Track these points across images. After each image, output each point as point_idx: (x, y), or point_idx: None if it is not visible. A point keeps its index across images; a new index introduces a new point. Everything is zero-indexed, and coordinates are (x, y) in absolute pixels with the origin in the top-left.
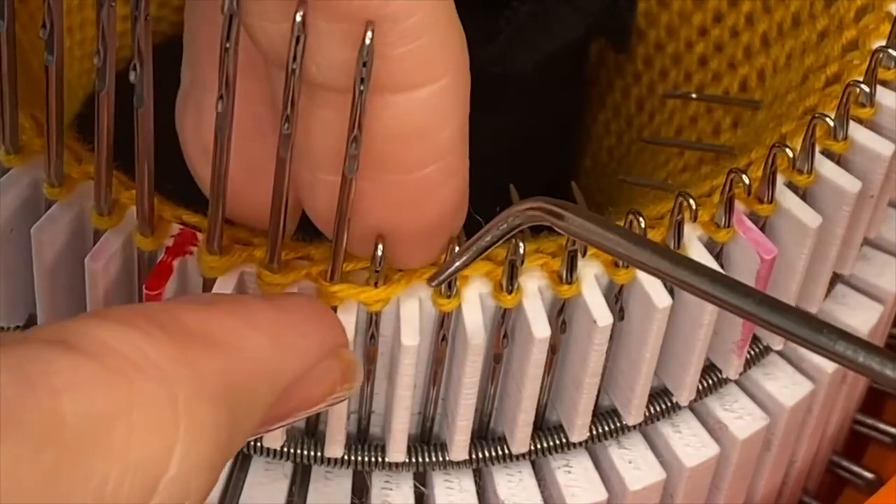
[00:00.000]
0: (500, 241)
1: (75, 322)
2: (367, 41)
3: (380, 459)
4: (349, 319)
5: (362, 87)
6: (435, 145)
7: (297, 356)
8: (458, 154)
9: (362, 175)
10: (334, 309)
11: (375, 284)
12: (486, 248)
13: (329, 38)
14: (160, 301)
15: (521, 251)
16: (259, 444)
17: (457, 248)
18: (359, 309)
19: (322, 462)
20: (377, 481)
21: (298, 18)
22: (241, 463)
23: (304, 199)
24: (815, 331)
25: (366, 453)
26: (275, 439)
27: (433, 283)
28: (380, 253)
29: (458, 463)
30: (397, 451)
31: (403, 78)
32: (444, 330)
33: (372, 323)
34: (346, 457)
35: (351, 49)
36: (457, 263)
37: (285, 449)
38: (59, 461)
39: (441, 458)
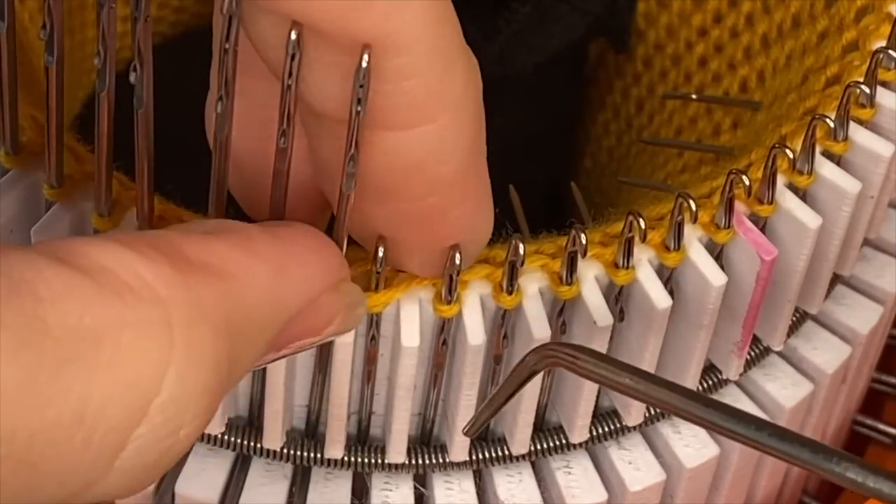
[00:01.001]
0: (521, 387)
1: (74, 240)
2: (364, 64)
3: (380, 461)
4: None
5: (359, 108)
6: (435, 179)
7: (298, 287)
8: (465, 184)
9: (367, 197)
10: None
11: (376, 287)
12: (509, 396)
13: (323, 69)
14: (161, 229)
15: (521, 252)
16: (259, 445)
17: (457, 258)
18: None
19: (322, 463)
20: (377, 482)
21: (293, 37)
22: (241, 464)
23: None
24: (826, 458)
25: (366, 455)
26: (275, 440)
27: (469, 434)
28: (381, 254)
29: (458, 464)
30: (397, 451)
31: (394, 116)
32: (445, 334)
33: (373, 324)
34: (346, 458)
35: (344, 80)
36: (484, 414)
37: (285, 450)
38: (37, 366)
39: (441, 460)
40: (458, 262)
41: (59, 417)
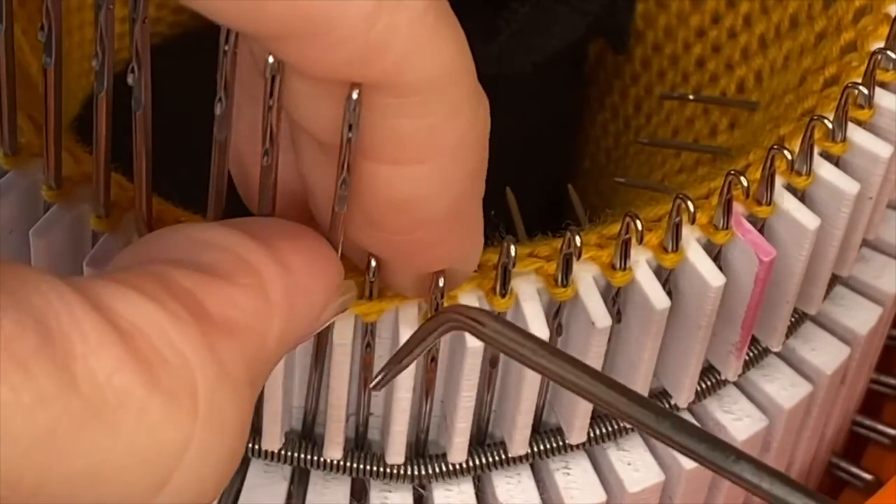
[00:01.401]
0: (424, 349)
1: (108, 289)
2: (354, 96)
3: (378, 468)
4: (347, 326)
5: (350, 135)
6: (421, 218)
7: (307, 319)
8: (454, 223)
9: (354, 223)
10: None
11: (370, 295)
12: (409, 357)
13: (318, 99)
14: (180, 269)
15: (513, 255)
16: (257, 446)
17: (441, 282)
18: (356, 316)
19: (320, 466)
20: (376, 483)
21: (271, 60)
22: (240, 465)
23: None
24: (724, 455)
25: (364, 461)
26: (273, 441)
27: (376, 388)
28: (373, 264)
29: (456, 471)
30: (396, 453)
31: (383, 150)
32: (434, 352)
33: (368, 332)
34: (344, 463)
35: (339, 108)
36: (388, 374)
37: (283, 452)
38: (58, 422)
39: (440, 467)
40: (441, 286)
41: (71, 476)
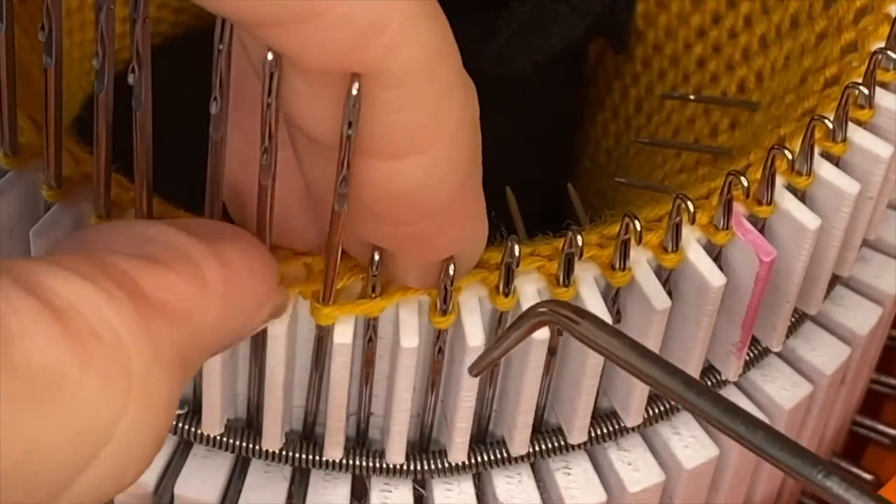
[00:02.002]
0: (520, 339)
1: (41, 269)
2: (354, 92)
3: (379, 465)
4: (347, 326)
5: (350, 132)
6: (425, 207)
7: (242, 312)
8: (458, 208)
9: (357, 219)
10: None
11: (373, 290)
12: (508, 348)
13: (314, 98)
14: (119, 255)
15: (517, 254)
16: (258, 446)
17: (451, 269)
18: (356, 316)
19: (321, 466)
20: (376, 483)
21: (270, 57)
22: (240, 465)
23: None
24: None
25: (365, 458)
26: (274, 442)
27: (474, 373)
28: (376, 259)
29: (457, 469)
30: (396, 453)
31: (384, 146)
32: (441, 343)
33: (370, 328)
34: (344, 461)
35: (335, 107)
36: (487, 359)
37: (284, 452)
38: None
39: (440, 464)
40: (451, 273)
41: (8, 456)
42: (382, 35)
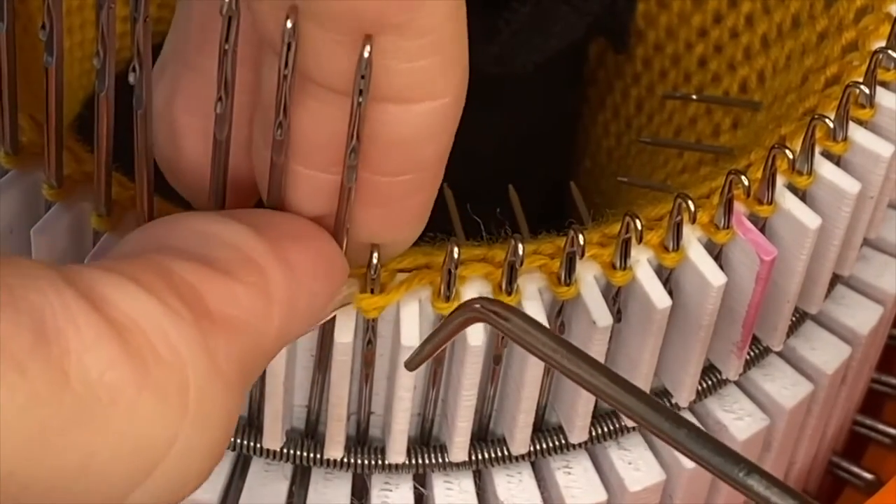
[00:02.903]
0: (450, 338)
1: (105, 278)
2: (366, 54)
3: (379, 462)
4: (348, 323)
5: (360, 100)
6: (415, 158)
7: (307, 319)
8: (434, 172)
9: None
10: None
11: (372, 291)
12: (440, 342)
13: (331, 46)
14: (183, 262)
15: (521, 253)
16: (259, 445)
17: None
18: (358, 312)
19: (322, 464)
20: (377, 482)
21: (289, 25)
22: (241, 464)
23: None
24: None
25: (365, 456)
26: (274, 440)
27: (410, 367)
28: (374, 260)
29: (457, 464)
30: (397, 452)
31: (404, 91)
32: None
33: (369, 328)
34: (345, 459)
35: (352, 57)
36: (420, 355)
37: (285, 450)
38: (49, 422)
39: (441, 460)
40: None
41: (62, 470)
42: None
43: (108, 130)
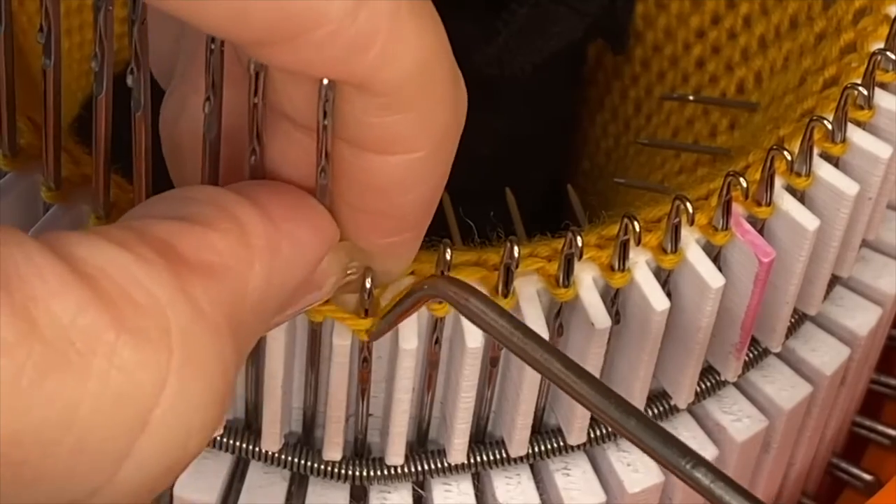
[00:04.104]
0: (409, 311)
1: (68, 238)
2: (326, 81)
3: (378, 472)
4: (345, 332)
5: (326, 122)
6: (394, 203)
7: (295, 267)
8: (416, 218)
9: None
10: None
11: (366, 313)
12: (398, 317)
13: (293, 85)
14: (157, 220)
15: (516, 255)
16: (257, 448)
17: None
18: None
19: (319, 473)
20: (376, 484)
21: (252, 67)
22: (240, 466)
23: None
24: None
25: (364, 467)
26: (273, 443)
27: (371, 338)
28: (368, 285)
29: (456, 466)
30: (396, 454)
31: (377, 143)
32: (438, 333)
33: (364, 348)
34: (343, 471)
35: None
36: (381, 328)
37: (282, 457)
38: (21, 371)
39: (440, 463)
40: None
41: (45, 421)
42: (370, 50)
43: (107, 132)
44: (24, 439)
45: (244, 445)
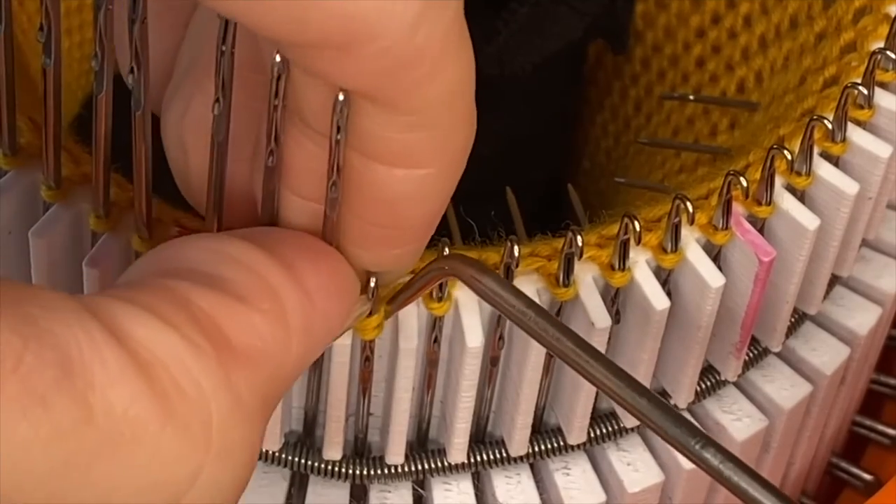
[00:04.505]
0: (423, 291)
1: (124, 308)
2: (341, 97)
3: (378, 471)
4: (346, 333)
5: (339, 137)
6: (401, 216)
7: (323, 341)
8: (423, 230)
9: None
10: None
11: (370, 314)
12: (412, 294)
13: (315, 90)
14: (200, 288)
15: (517, 255)
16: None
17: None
18: None
19: (319, 472)
20: (376, 484)
21: (278, 59)
22: None
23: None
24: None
25: (364, 466)
26: (273, 442)
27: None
28: (372, 286)
29: (456, 466)
30: (396, 453)
31: (388, 156)
32: (437, 332)
33: (366, 347)
34: (343, 469)
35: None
36: (394, 306)
37: (282, 455)
38: (72, 457)
39: (440, 463)
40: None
41: (84, 502)
42: (417, 69)
43: (107, 131)
44: None
45: None
